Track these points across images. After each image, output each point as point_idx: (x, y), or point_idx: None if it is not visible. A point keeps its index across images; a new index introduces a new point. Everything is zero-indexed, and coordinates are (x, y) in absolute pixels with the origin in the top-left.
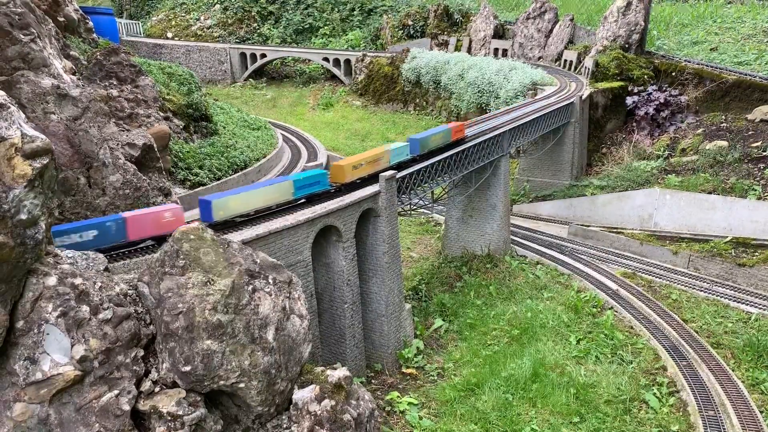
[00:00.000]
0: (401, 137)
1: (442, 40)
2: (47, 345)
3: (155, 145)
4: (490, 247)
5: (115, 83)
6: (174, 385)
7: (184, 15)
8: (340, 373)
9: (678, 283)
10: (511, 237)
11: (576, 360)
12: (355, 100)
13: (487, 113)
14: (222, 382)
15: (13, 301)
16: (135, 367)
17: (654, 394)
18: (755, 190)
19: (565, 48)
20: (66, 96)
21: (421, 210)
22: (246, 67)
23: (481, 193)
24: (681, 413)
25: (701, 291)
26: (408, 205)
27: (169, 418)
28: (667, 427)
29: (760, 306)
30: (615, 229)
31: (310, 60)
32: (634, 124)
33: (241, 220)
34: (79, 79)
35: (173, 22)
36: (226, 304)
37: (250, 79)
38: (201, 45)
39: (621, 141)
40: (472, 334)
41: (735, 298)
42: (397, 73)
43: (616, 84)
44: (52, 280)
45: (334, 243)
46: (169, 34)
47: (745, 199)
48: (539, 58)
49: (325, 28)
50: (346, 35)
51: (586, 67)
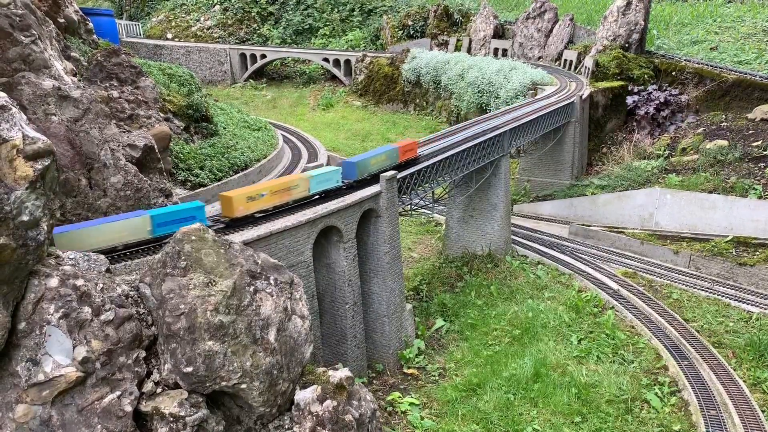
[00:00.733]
0: (402, 137)
1: (442, 40)
2: (49, 346)
3: (156, 146)
4: (490, 247)
5: (115, 84)
6: (176, 386)
7: (184, 16)
8: (341, 373)
9: (679, 283)
10: (512, 237)
11: (577, 360)
12: (356, 100)
13: (487, 113)
14: (224, 383)
15: (15, 303)
16: (137, 368)
17: (656, 394)
18: (756, 190)
19: (565, 48)
20: (67, 97)
21: (422, 210)
22: (246, 68)
23: (482, 193)
24: (683, 413)
25: (702, 290)
26: (409, 205)
27: (171, 419)
28: (669, 427)
29: (761, 305)
30: (616, 229)
31: (310, 60)
32: (635, 124)
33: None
34: (79, 80)
35: (173, 23)
36: (227, 305)
37: (251, 80)
38: (201, 46)
39: (621, 140)
40: (474, 334)
41: (736, 297)
42: (397, 73)
43: (617, 83)
44: (54, 282)
45: (336, 243)
46: (169, 35)
47: (745, 198)
48: (539, 58)
49: (325, 28)
50: (346, 36)
51: (586, 66)
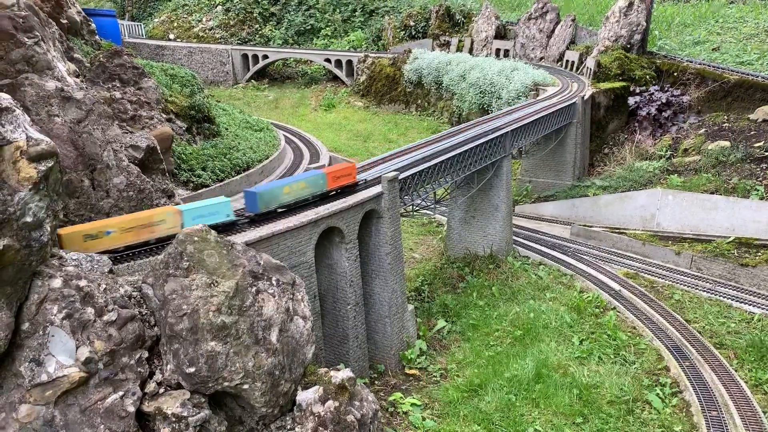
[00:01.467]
0: (403, 138)
1: (444, 40)
2: (52, 347)
3: (158, 147)
4: (492, 247)
5: (118, 85)
6: (178, 386)
7: (186, 16)
8: (343, 374)
9: (681, 284)
10: (514, 238)
11: (579, 360)
12: (357, 101)
13: (489, 114)
14: (226, 384)
15: (19, 303)
16: (139, 369)
17: (657, 395)
18: (758, 191)
19: (567, 48)
20: (70, 98)
21: (424, 211)
22: (248, 69)
23: (484, 194)
24: (684, 414)
25: (704, 291)
26: (411, 206)
27: (174, 420)
28: (671, 428)
29: (763, 306)
30: (617, 230)
31: (311, 61)
32: (636, 125)
33: None
34: (82, 81)
35: (175, 24)
36: (230, 306)
37: (252, 81)
38: (203, 46)
39: (623, 141)
40: (475, 335)
41: (738, 298)
42: (398, 73)
43: (618, 84)
44: (57, 282)
45: (337, 244)
46: (171, 36)
47: (747, 199)
48: (541, 59)
49: (327, 29)
50: (348, 36)
51: (588, 67)
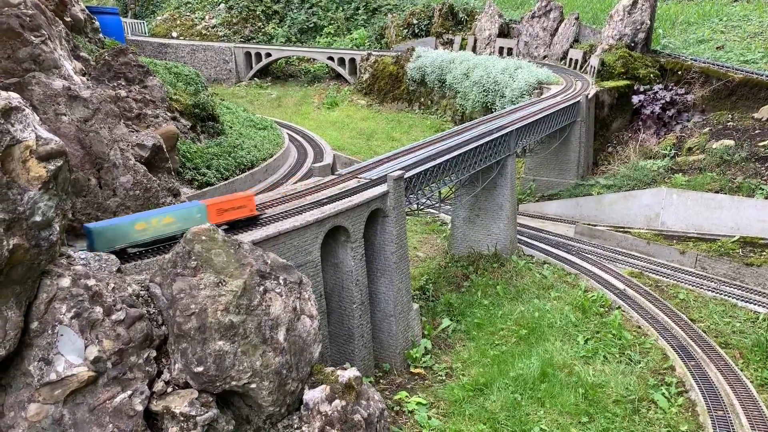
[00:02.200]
0: (406, 136)
1: (447, 39)
2: (61, 346)
3: (164, 146)
4: (496, 246)
5: (123, 84)
6: (186, 385)
7: (189, 14)
8: (350, 373)
9: (685, 283)
10: (518, 236)
11: (584, 360)
12: (360, 99)
13: (492, 112)
14: (234, 383)
15: (28, 303)
16: (148, 368)
17: (663, 394)
18: (762, 190)
19: (571, 47)
20: (77, 97)
21: (428, 210)
22: (251, 67)
23: (488, 193)
24: (690, 413)
25: (709, 290)
26: (416, 205)
27: (182, 419)
28: (676, 427)
29: None
30: (622, 229)
31: (314, 59)
32: (640, 123)
33: None
34: (88, 79)
35: (178, 22)
36: (237, 305)
37: (255, 79)
38: (206, 44)
39: (627, 140)
40: (480, 334)
41: (743, 297)
42: (401, 72)
43: (622, 83)
44: (66, 282)
45: (343, 243)
46: (174, 34)
47: (752, 198)
48: (544, 57)
49: (330, 27)
50: (351, 34)
51: (591, 65)
